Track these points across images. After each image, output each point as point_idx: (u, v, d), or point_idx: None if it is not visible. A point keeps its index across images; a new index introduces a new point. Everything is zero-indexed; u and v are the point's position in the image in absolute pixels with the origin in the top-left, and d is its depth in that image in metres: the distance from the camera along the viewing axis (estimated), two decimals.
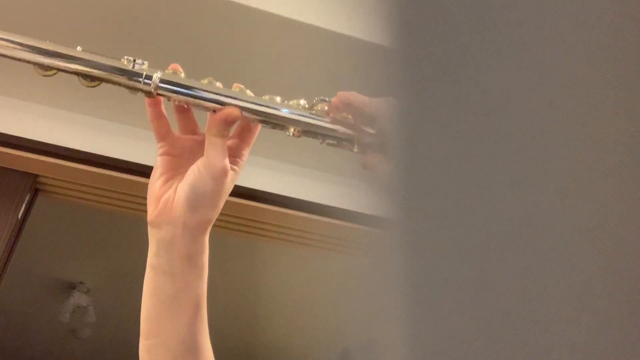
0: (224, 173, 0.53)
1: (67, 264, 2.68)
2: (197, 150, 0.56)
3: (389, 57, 0.17)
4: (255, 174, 1.64)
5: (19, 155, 1.53)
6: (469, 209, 0.16)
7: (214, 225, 0.58)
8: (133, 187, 1.57)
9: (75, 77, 0.57)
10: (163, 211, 0.54)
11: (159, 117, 0.57)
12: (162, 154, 0.57)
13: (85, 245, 2.52)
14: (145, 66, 0.54)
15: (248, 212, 1.62)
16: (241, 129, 0.58)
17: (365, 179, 0.52)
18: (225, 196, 0.55)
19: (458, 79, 0.16)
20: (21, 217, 1.56)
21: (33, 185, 1.59)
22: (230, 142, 0.57)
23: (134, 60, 0.54)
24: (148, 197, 0.56)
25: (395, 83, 0.17)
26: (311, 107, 0.56)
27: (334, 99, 0.55)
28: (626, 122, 0.15)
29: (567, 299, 0.14)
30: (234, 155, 0.57)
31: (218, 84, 0.56)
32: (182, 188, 0.54)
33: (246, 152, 0.59)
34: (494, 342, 0.15)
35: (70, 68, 0.54)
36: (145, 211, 0.56)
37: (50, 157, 1.54)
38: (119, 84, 0.53)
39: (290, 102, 0.56)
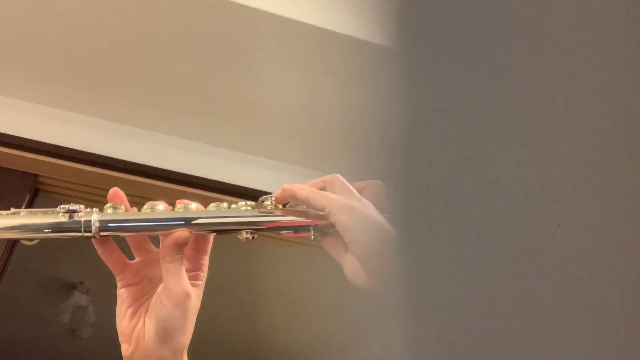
0: (186, 297, 0.53)
1: (67, 264, 2.68)
2: (156, 270, 0.56)
3: (389, 57, 0.17)
4: (255, 174, 1.64)
5: (19, 155, 1.53)
6: (468, 209, 0.16)
7: None
8: (133, 187, 1.57)
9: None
10: (136, 349, 0.54)
11: (109, 253, 0.57)
12: (123, 287, 0.57)
13: (85, 245, 2.51)
14: (82, 212, 0.54)
15: None
16: (196, 238, 0.58)
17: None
18: (194, 316, 0.55)
19: (458, 79, 0.16)
20: None
21: (33, 185, 1.59)
22: (187, 253, 0.57)
23: (69, 210, 0.54)
24: (119, 332, 0.56)
25: (396, 83, 0.17)
26: (259, 205, 0.57)
27: (277, 192, 0.57)
28: (626, 122, 0.15)
29: (567, 299, 0.14)
30: (194, 267, 0.57)
31: (162, 207, 0.56)
32: (150, 324, 0.54)
33: (205, 261, 0.58)
34: (494, 342, 0.15)
35: (5, 236, 0.54)
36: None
37: (50, 157, 1.54)
38: (62, 238, 0.54)
39: (236, 206, 0.57)
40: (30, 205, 1.60)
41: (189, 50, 1.39)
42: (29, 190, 1.57)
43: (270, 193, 0.58)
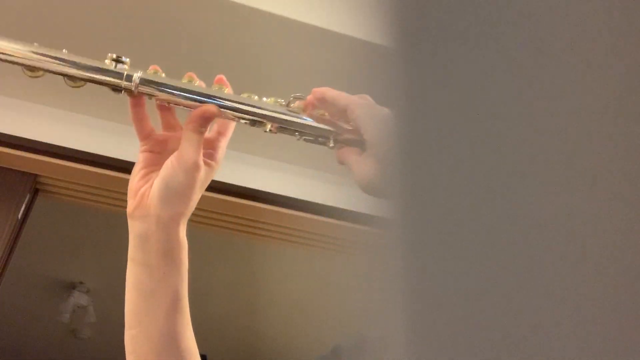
0: (195, 167, 0.55)
1: (67, 264, 2.68)
2: (177, 146, 0.58)
3: (389, 57, 0.17)
4: (255, 174, 1.64)
5: (19, 155, 1.53)
6: (468, 209, 0.16)
7: (215, 225, 0.59)
8: None
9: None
10: (139, 204, 0.56)
11: (141, 117, 0.58)
12: (144, 151, 0.59)
13: (85, 245, 2.52)
14: (127, 65, 0.56)
15: (248, 212, 1.62)
16: (218, 124, 0.60)
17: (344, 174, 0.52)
18: (199, 191, 0.57)
19: (458, 79, 0.16)
20: (21, 217, 1.56)
21: (33, 185, 1.59)
22: (207, 136, 0.59)
23: (117, 59, 0.56)
24: (128, 190, 0.57)
25: (396, 83, 0.17)
26: (287, 104, 0.58)
27: (309, 96, 0.58)
28: (627, 121, 0.15)
29: (567, 299, 0.14)
30: (211, 147, 0.59)
31: (198, 83, 0.58)
32: (156, 182, 0.56)
33: (223, 144, 0.60)
34: (494, 342, 0.15)
35: (55, 69, 0.57)
36: None
37: (50, 157, 1.54)
38: (102, 84, 0.56)
39: (267, 100, 0.58)
40: (30, 205, 1.60)
41: (189, 50, 1.39)
42: (29, 190, 1.57)
43: (271, 193, 0.58)
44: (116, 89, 0.56)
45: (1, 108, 1.57)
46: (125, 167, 1.57)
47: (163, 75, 0.58)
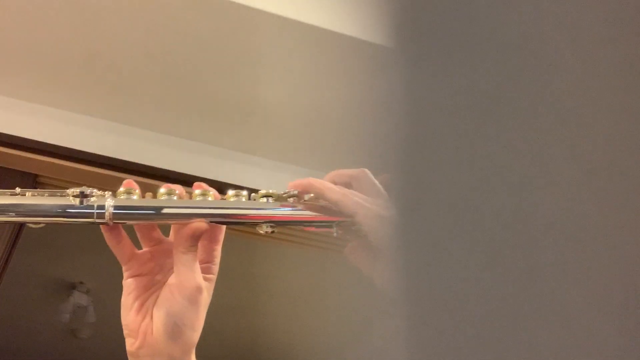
0: (198, 292, 0.50)
1: (67, 264, 2.68)
2: (165, 261, 0.53)
3: (389, 57, 0.17)
4: (255, 174, 1.64)
5: (19, 155, 1.53)
6: (468, 209, 0.16)
7: None
8: None
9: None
10: (144, 344, 0.50)
11: (118, 241, 0.52)
12: (130, 277, 0.53)
13: (85, 245, 2.52)
14: (94, 197, 0.50)
15: None
16: (209, 231, 0.54)
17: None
18: (204, 312, 0.52)
19: (457, 79, 0.16)
20: None
21: (33, 185, 1.59)
22: (200, 243, 0.53)
23: (82, 194, 0.50)
24: (124, 326, 0.52)
25: (396, 83, 0.17)
26: (281, 198, 0.53)
27: (302, 187, 0.53)
28: (627, 121, 0.15)
29: (567, 299, 0.14)
30: (207, 259, 0.54)
31: (177, 194, 0.52)
32: (159, 317, 0.50)
33: (218, 252, 0.55)
34: (493, 342, 0.15)
35: (14, 220, 0.50)
36: None
37: (50, 157, 1.54)
38: (74, 223, 0.50)
39: (257, 196, 0.53)
40: None
41: (190, 51, 1.39)
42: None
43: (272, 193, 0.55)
44: (90, 223, 0.50)
45: (1, 108, 1.57)
46: (126, 167, 1.57)
47: (136, 195, 0.51)
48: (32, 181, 1.58)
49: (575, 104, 0.15)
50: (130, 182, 0.52)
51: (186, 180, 1.59)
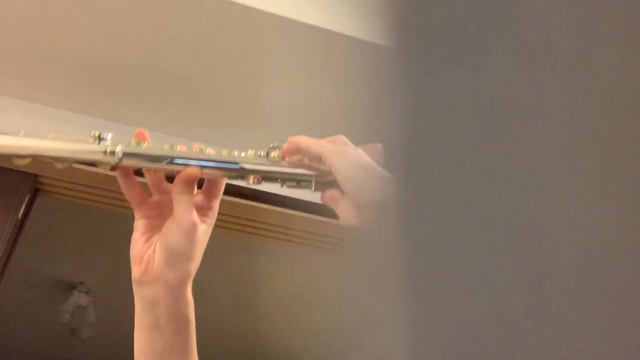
0: (193, 227, 0.57)
1: (67, 264, 2.68)
2: (172, 208, 0.60)
3: (389, 57, 0.17)
4: None
5: None
6: (468, 209, 0.16)
7: (215, 225, 0.61)
8: None
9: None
10: (146, 271, 0.58)
11: (130, 187, 0.61)
12: (140, 218, 0.61)
13: (85, 245, 2.52)
14: (109, 141, 0.59)
15: (248, 212, 1.62)
16: (208, 184, 0.62)
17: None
18: (201, 247, 0.59)
19: (457, 79, 0.16)
20: (21, 217, 1.56)
21: (33, 185, 1.59)
22: (199, 197, 0.61)
23: (99, 136, 0.59)
24: (131, 257, 0.59)
25: (396, 83, 0.17)
26: (267, 155, 0.61)
27: (285, 145, 0.61)
28: (626, 121, 0.15)
29: (567, 300, 0.14)
30: (205, 208, 0.61)
31: (179, 147, 0.60)
32: (159, 248, 0.58)
33: (216, 204, 0.62)
34: (493, 343, 0.15)
35: (40, 155, 0.60)
36: None
37: None
38: (87, 162, 0.60)
39: (248, 154, 0.61)
40: (30, 205, 1.60)
41: (190, 51, 1.39)
42: (29, 190, 1.57)
43: (271, 193, 0.59)
44: (101, 164, 0.59)
45: (1, 108, 1.57)
46: None
47: (145, 145, 0.60)
48: (32, 181, 1.58)
49: (576, 104, 0.15)
50: (141, 132, 0.61)
51: None
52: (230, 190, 1.60)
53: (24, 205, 1.56)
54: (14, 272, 1.85)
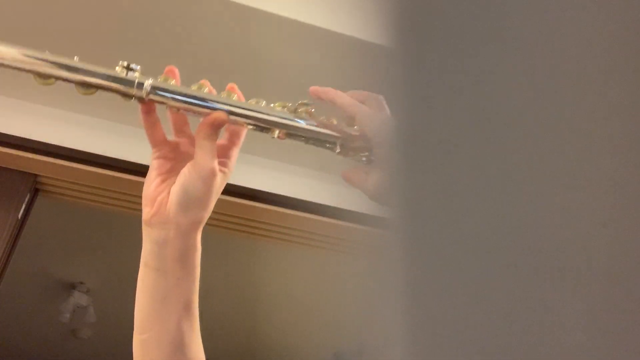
0: (212, 174, 0.56)
1: (67, 264, 2.68)
2: (190, 152, 0.59)
3: (389, 57, 0.17)
4: (255, 174, 1.64)
5: (19, 155, 1.53)
6: (468, 209, 0.16)
7: (215, 225, 0.60)
8: (133, 187, 1.57)
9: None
10: (157, 212, 0.56)
11: (152, 124, 0.59)
12: (156, 158, 0.59)
13: (85, 245, 2.52)
14: (137, 73, 0.57)
15: (248, 212, 1.62)
16: (230, 131, 0.61)
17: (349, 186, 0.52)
18: (215, 196, 0.58)
19: (457, 80, 0.16)
20: (21, 217, 1.56)
21: (33, 185, 1.59)
22: (219, 143, 0.59)
23: (128, 67, 0.57)
24: (143, 197, 0.58)
25: (395, 83, 0.17)
26: (295, 110, 0.59)
27: (317, 93, 0.59)
28: (626, 122, 0.15)
29: (566, 300, 0.14)
30: (223, 156, 0.60)
31: (208, 89, 0.59)
32: (174, 190, 0.56)
33: (235, 153, 0.61)
34: (493, 343, 0.15)
35: (66, 77, 0.57)
36: None
37: (50, 157, 1.54)
38: (114, 91, 0.57)
39: (275, 105, 0.59)
40: (30, 205, 1.60)
41: (189, 51, 1.39)
42: (29, 190, 1.57)
43: (271, 193, 0.58)
44: (127, 95, 0.57)
45: (1, 108, 1.57)
46: (126, 167, 1.57)
47: (173, 82, 0.59)
48: (32, 181, 1.58)
49: (576, 104, 0.15)
50: (171, 69, 0.59)
51: None
52: (230, 190, 1.59)
53: (24, 205, 1.56)
54: (14, 272, 1.85)
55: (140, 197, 0.59)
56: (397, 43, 0.17)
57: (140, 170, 1.56)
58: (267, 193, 1.60)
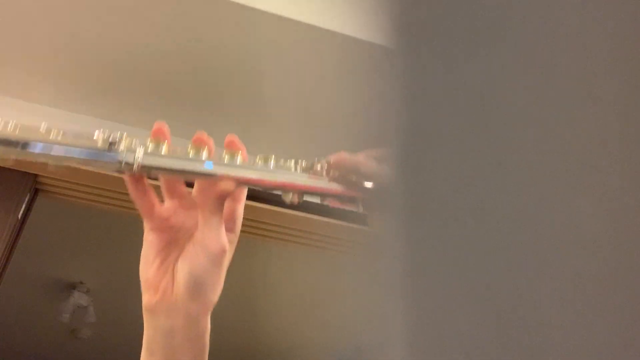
0: (222, 252, 0.50)
1: (67, 264, 2.68)
2: (189, 217, 0.52)
3: (389, 57, 0.17)
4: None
5: None
6: (468, 210, 0.16)
7: None
8: None
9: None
10: (162, 299, 0.50)
11: (142, 194, 0.51)
12: (151, 232, 0.52)
13: (85, 245, 2.52)
14: (122, 145, 0.49)
15: (248, 212, 1.61)
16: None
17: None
18: (225, 272, 0.52)
19: (457, 79, 0.16)
20: (21, 217, 1.56)
21: (33, 185, 1.59)
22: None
23: (111, 143, 0.49)
24: (143, 281, 0.51)
25: (396, 83, 0.17)
26: (311, 167, 0.52)
27: (334, 160, 0.51)
28: (627, 122, 0.15)
29: (566, 300, 0.14)
30: (228, 219, 0.53)
31: (206, 150, 0.51)
32: (182, 276, 0.50)
33: (240, 212, 0.54)
34: (492, 343, 0.15)
35: (34, 158, 0.49)
36: None
37: None
38: (94, 168, 0.49)
39: (286, 163, 0.52)
40: (30, 205, 1.60)
41: (190, 51, 1.39)
42: (29, 190, 1.57)
43: (271, 193, 0.54)
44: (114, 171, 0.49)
45: (1, 108, 1.57)
46: None
47: (165, 146, 0.50)
48: (32, 181, 1.58)
49: (576, 103, 0.15)
50: (160, 128, 0.52)
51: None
52: None
53: (24, 205, 1.56)
54: (14, 272, 1.85)
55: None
56: (397, 43, 0.17)
57: None
58: (267, 193, 1.60)
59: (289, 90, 1.47)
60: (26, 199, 1.56)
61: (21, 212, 1.55)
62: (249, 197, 0.58)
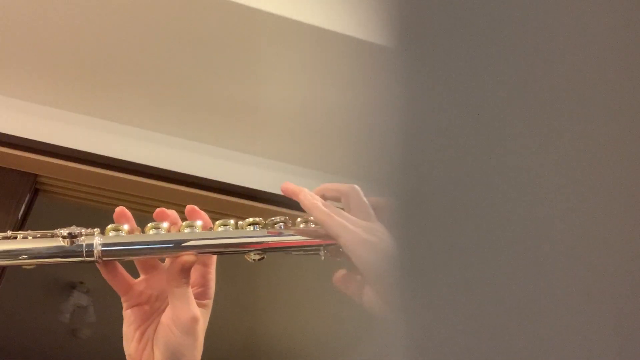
0: (194, 322, 0.52)
1: (67, 264, 2.68)
2: (162, 287, 0.55)
3: (389, 57, 0.17)
4: (255, 174, 1.64)
5: (19, 155, 1.53)
6: (467, 210, 0.16)
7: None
8: (133, 187, 1.57)
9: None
10: None
11: (114, 275, 0.55)
12: (129, 307, 0.55)
13: None
14: (83, 237, 0.53)
15: (248, 212, 1.62)
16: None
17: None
18: (202, 336, 0.54)
19: (457, 79, 0.16)
20: (21, 217, 1.56)
21: (33, 185, 1.59)
22: (193, 268, 0.55)
23: (70, 235, 0.53)
24: (127, 355, 0.54)
25: (396, 83, 0.17)
26: (271, 225, 0.55)
27: (287, 191, 0.54)
28: (627, 122, 0.15)
29: (565, 300, 0.14)
30: (200, 285, 0.56)
31: (165, 228, 0.54)
32: (158, 349, 0.52)
33: (212, 275, 0.57)
34: (492, 343, 0.15)
35: (6, 264, 0.53)
36: (146, 210, 0.55)
37: (50, 157, 1.54)
38: (61, 263, 0.53)
39: (244, 224, 0.55)
40: (30, 205, 1.60)
41: (189, 50, 1.39)
42: (29, 190, 1.57)
43: (271, 193, 0.56)
44: (77, 262, 0.53)
45: (1, 108, 1.57)
46: (125, 167, 1.57)
47: (125, 229, 0.54)
48: (32, 181, 1.58)
49: (576, 103, 0.15)
50: (121, 213, 0.55)
51: (185, 180, 1.59)
52: (230, 190, 1.60)
53: (24, 205, 1.56)
54: (14, 272, 1.85)
55: (141, 197, 0.56)
56: (397, 43, 0.17)
57: (140, 170, 1.56)
58: (267, 193, 1.60)
59: (288, 90, 1.47)
60: (26, 199, 1.56)
61: (21, 212, 1.55)
62: (248, 197, 0.58)
